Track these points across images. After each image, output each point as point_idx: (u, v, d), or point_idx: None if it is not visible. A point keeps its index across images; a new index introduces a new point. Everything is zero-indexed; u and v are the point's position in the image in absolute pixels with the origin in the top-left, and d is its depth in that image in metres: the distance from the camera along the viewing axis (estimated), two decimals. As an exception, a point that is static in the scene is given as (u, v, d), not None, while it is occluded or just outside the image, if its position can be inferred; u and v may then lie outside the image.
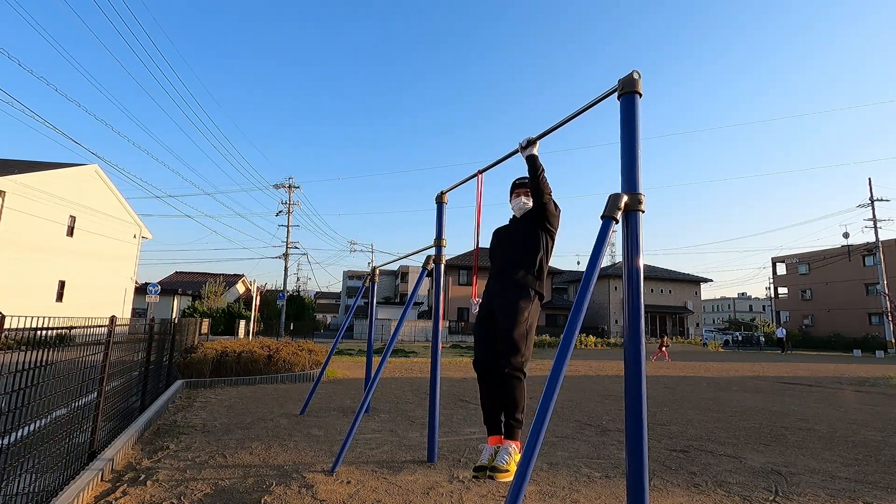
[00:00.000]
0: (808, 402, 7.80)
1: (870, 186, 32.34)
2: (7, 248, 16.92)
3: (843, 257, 36.98)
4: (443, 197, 4.08)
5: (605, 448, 4.37)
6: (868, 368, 16.40)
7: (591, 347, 27.00)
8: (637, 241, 1.98)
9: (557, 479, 3.42)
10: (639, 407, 1.83)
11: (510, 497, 1.67)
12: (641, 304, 1.93)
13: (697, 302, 41.99)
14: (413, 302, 4.64)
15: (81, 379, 3.01)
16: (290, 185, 30.93)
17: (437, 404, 3.82)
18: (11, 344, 2.23)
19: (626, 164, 2.04)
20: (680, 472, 3.66)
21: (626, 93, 2.08)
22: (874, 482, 3.56)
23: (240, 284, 43.49)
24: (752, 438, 4.94)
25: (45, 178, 18.46)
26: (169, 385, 6.77)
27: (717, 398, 7.94)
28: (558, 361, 1.78)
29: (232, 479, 3.26)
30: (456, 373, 11.02)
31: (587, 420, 5.70)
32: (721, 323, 65.84)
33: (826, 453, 4.40)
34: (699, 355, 22.66)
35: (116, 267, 23.50)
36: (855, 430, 5.49)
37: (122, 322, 3.78)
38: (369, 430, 4.83)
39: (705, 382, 10.48)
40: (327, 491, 3.07)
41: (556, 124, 2.60)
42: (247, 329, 24.88)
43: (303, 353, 9.36)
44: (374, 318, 6.46)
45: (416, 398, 7.01)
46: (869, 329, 36.89)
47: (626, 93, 2.08)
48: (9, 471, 2.16)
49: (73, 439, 2.93)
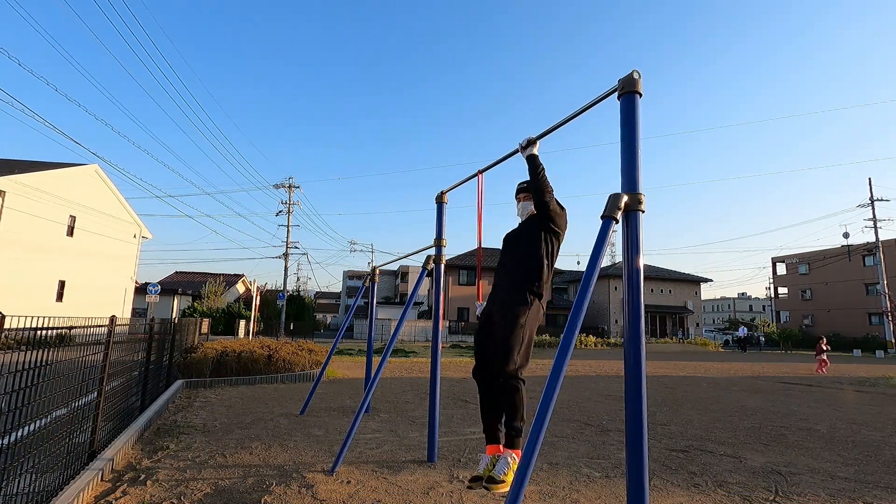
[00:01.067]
0: (808, 402, 7.80)
1: (870, 186, 32.34)
2: (7, 248, 16.92)
3: (843, 257, 36.94)
4: (443, 197, 4.08)
5: (605, 448, 4.37)
6: (868, 368, 16.40)
7: (591, 347, 26.99)
8: (637, 241, 1.98)
9: (557, 479, 3.42)
10: (639, 407, 1.83)
11: (510, 497, 1.67)
12: (641, 304, 1.93)
13: (697, 302, 41.98)
14: (413, 302, 4.64)
15: (81, 379, 3.01)
16: (290, 184, 30.91)
17: (437, 404, 3.83)
18: (11, 344, 2.23)
19: (626, 164, 2.04)
20: (680, 472, 3.66)
21: (626, 93, 2.08)
22: (874, 482, 3.56)
23: (240, 284, 43.48)
24: (752, 438, 4.94)
25: (45, 178, 18.46)
26: (169, 385, 6.77)
27: (717, 398, 7.94)
28: (558, 361, 1.78)
29: (232, 479, 3.26)
30: (456, 373, 11.01)
31: (587, 420, 5.70)
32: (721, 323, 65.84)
33: (826, 453, 4.40)
34: (699, 355, 22.67)
35: (116, 267, 23.50)
36: (855, 430, 5.49)
37: (122, 322, 3.78)
38: (369, 430, 4.83)
39: (705, 382, 10.48)
40: (327, 491, 3.07)
41: (556, 124, 2.60)
42: (247, 329, 24.88)
43: (303, 353, 9.36)
44: (374, 318, 6.46)
45: (416, 398, 7.01)
46: (869, 329, 36.86)
47: (626, 93, 2.08)
48: (9, 471, 2.15)
49: (74, 439, 2.93)
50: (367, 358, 6.32)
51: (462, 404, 6.58)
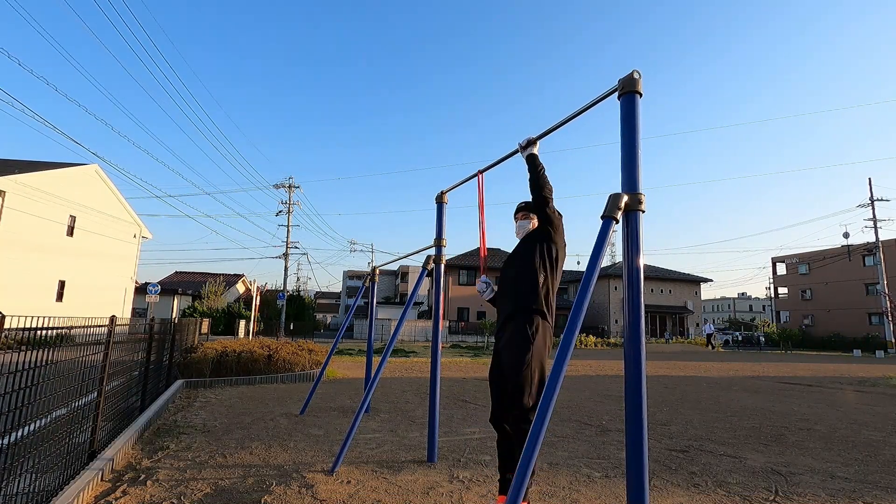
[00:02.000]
0: (808, 402, 7.79)
1: (870, 186, 32.33)
2: (7, 248, 16.92)
3: (843, 257, 36.93)
4: (443, 197, 4.08)
5: (605, 448, 4.37)
6: (868, 368, 16.39)
7: (591, 347, 26.98)
8: (637, 240, 1.98)
9: (557, 479, 3.42)
10: (639, 407, 1.83)
11: (510, 497, 1.67)
12: (642, 304, 1.92)
13: (697, 302, 42.00)
14: (413, 302, 4.64)
15: (81, 379, 3.01)
16: (290, 184, 30.91)
17: (437, 404, 3.82)
18: (11, 344, 2.23)
19: (627, 164, 2.03)
20: (680, 472, 3.66)
21: (627, 92, 2.08)
22: (874, 482, 3.56)
23: (240, 284, 43.49)
24: (752, 438, 4.93)
25: (45, 178, 18.47)
26: (169, 385, 6.77)
27: (717, 398, 7.94)
28: (558, 361, 1.78)
29: (232, 479, 3.26)
30: (456, 373, 11.02)
31: (587, 420, 5.70)
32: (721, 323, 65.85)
33: (826, 453, 4.40)
34: (699, 355, 22.66)
35: (116, 267, 23.51)
36: (855, 430, 5.49)
37: (122, 322, 3.78)
38: (369, 430, 4.83)
39: (705, 382, 10.48)
40: (327, 491, 3.07)
41: (556, 124, 2.60)
42: (247, 329, 24.88)
43: (303, 353, 9.36)
44: (374, 318, 6.46)
45: (416, 398, 7.01)
46: (869, 329, 36.87)
47: (627, 92, 2.08)
48: (9, 471, 2.15)
49: (73, 439, 2.93)
50: (367, 358, 6.32)
51: (462, 404, 6.58)
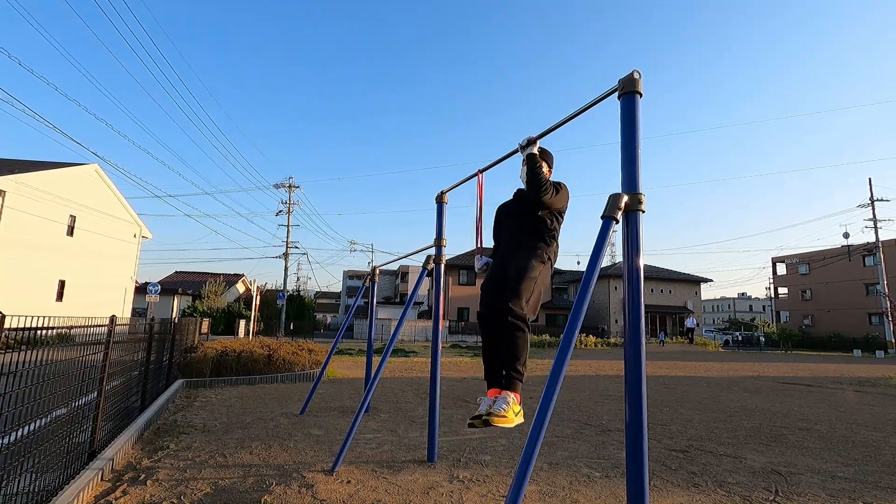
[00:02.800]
0: (808, 402, 7.80)
1: (870, 186, 32.31)
2: (7, 248, 16.91)
3: (843, 257, 36.91)
4: (443, 197, 4.08)
5: (605, 448, 4.37)
6: (868, 368, 16.39)
7: (591, 347, 26.97)
8: (637, 241, 1.98)
9: (557, 479, 3.42)
10: (639, 407, 1.83)
11: (510, 497, 1.67)
12: (642, 304, 1.93)
13: (697, 302, 41.95)
14: (413, 302, 4.64)
15: (81, 378, 3.01)
16: (290, 184, 30.90)
17: (437, 404, 3.82)
18: (11, 343, 2.23)
19: (627, 164, 2.04)
20: (680, 472, 3.66)
21: (627, 93, 2.08)
22: (874, 482, 3.56)
23: (240, 284, 43.46)
24: (752, 438, 4.94)
25: (45, 178, 18.46)
26: (169, 385, 6.77)
27: (717, 398, 7.94)
28: (558, 361, 1.78)
29: (232, 479, 3.26)
30: (456, 373, 11.02)
31: (587, 420, 5.70)
32: (721, 323, 65.86)
33: (826, 453, 4.40)
34: (699, 355, 22.66)
35: (116, 266, 23.49)
36: (855, 430, 5.49)
37: (122, 322, 3.78)
38: (369, 429, 4.83)
39: (705, 382, 10.48)
40: (327, 490, 3.07)
41: (556, 124, 2.60)
42: (247, 329, 24.88)
43: (303, 353, 9.36)
44: (375, 318, 6.46)
45: (416, 398, 7.01)
46: (869, 329, 36.85)
47: (627, 93, 2.08)
48: (9, 470, 2.15)
49: (73, 439, 2.93)
50: (367, 358, 6.32)
51: (462, 404, 6.58)
